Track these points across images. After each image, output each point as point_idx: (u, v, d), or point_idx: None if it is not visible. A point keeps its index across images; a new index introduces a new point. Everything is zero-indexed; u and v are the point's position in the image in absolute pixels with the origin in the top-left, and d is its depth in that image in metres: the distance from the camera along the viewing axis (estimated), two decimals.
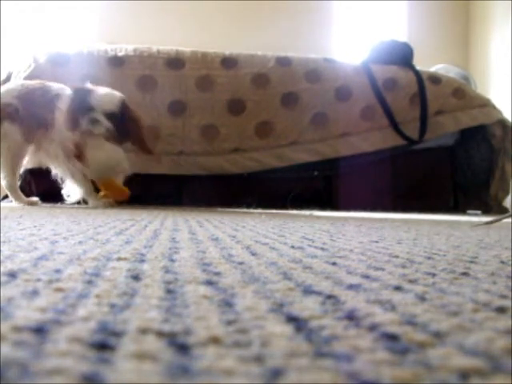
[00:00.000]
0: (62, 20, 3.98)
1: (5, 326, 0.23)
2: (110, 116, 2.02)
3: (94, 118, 2.01)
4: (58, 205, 2.13)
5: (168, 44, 2.90)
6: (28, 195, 2.22)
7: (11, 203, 2.19)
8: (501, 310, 0.30)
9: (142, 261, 0.46)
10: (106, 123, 2.01)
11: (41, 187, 2.42)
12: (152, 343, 0.22)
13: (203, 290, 0.34)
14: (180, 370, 0.19)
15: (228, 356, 0.20)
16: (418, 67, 2.96)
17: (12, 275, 0.36)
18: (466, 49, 4.52)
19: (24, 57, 2.60)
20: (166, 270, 0.41)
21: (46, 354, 0.20)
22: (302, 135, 2.77)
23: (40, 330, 0.23)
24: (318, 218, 1.67)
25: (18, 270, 0.39)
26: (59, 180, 2.14)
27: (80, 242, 0.60)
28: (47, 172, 2.15)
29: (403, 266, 0.48)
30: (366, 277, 0.41)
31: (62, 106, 2.05)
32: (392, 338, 0.24)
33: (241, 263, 0.47)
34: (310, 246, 0.66)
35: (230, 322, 0.25)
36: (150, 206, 2.12)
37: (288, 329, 0.25)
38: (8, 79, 2.52)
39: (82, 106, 2.02)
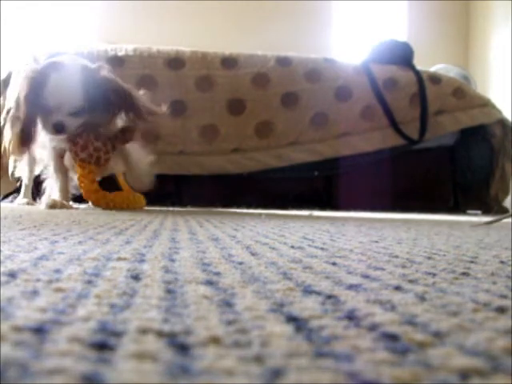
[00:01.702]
0: (62, 20, 3.98)
1: (5, 325, 0.23)
2: (77, 113, 1.66)
3: (58, 122, 1.66)
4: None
5: (168, 44, 2.90)
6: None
7: (11, 203, 2.19)
8: (501, 310, 0.30)
9: (142, 261, 0.46)
10: (74, 122, 1.67)
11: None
12: (152, 343, 0.22)
13: (203, 289, 0.34)
14: (180, 370, 0.19)
15: (228, 356, 0.20)
16: (418, 67, 2.96)
17: (12, 275, 0.36)
18: (465, 49, 4.52)
19: (24, 56, 2.60)
20: (166, 270, 0.41)
21: (46, 354, 0.20)
22: (301, 135, 2.77)
23: (40, 330, 0.23)
24: (318, 217, 1.67)
25: (18, 269, 0.39)
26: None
27: (80, 242, 0.60)
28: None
29: (403, 266, 0.48)
30: (366, 277, 0.41)
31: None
32: (392, 337, 0.24)
33: (241, 263, 0.47)
34: (310, 246, 0.66)
35: (230, 322, 0.25)
36: (149, 205, 2.12)
37: (288, 329, 0.25)
38: (8, 79, 2.52)
39: (38, 108, 1.67)
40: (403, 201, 2.79)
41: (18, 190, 2.35)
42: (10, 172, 2.22)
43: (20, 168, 2.14)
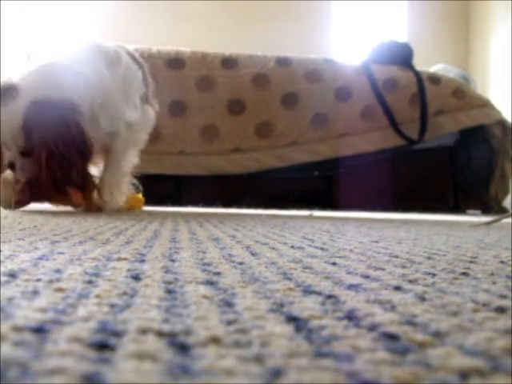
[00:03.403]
0: (63, 20, 3.98)
1: (5, 325, 0.23)
2: (25, 154, 1.42)
3: (20, 165, 1.44)
4: None
5: (168, 44, 2.90)
6: None
7: None
8: (501, 310, 0.30)
9: (142, 261, 0.46)
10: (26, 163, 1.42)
11: None
12: (152, 343, 0.22)
13: (203, 289, 0.34)
14: (180, 369, 0.19)
15: (228, 356, 0.20)
16: (418, 67, 2.96)
17: (12, 275, 0.36)
18: (465, 49, 4.52)
19: (18, 54, 2.59)
20: (166, 270, 0.41)
21: (46, 354, 0.20)
22: (302, 135, 2.78)
23: (40, 330, 0.23)
24: (318, 218, 1.67)
25: (18, 269, 0.39)
26: None
27: (80, 242, 0.60)
28: None
29: (403, 266, 0.48)
30: (366, 277, 0.41)
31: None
32: (392, 337, 0.24)
33: (241, 263, 0.47)
34: (309, 245, 0.66)
35: (229, 322, 0.25)
36: (149, 205, 2.12)
37: (288, 329, 0.25)
38: None
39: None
40: (403, 201, 2.79)
41: None
42: None
43: None
